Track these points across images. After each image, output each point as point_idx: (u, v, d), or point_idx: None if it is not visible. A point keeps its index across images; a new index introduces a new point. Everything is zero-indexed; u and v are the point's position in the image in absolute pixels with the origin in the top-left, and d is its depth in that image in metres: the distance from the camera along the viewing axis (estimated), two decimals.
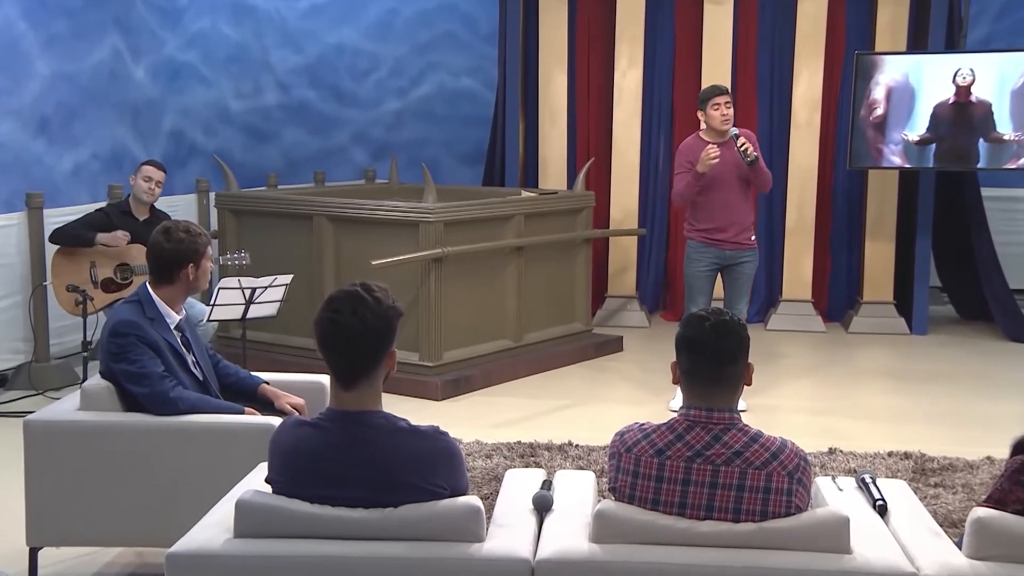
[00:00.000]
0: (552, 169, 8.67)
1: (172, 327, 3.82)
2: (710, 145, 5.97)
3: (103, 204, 6.65)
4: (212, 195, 7.91)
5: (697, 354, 2.65)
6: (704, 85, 8.00)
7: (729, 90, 6.22)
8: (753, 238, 6.21)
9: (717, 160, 5.92)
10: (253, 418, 3.75)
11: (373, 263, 6.09)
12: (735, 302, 6.15)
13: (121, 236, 6.09)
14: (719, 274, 6.21)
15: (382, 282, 2.71)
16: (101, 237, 6.10)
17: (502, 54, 8.67)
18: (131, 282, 6.15)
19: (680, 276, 8.15)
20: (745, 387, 2.71)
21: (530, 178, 8.77)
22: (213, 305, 5.31)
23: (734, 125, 6.07)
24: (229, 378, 4.06)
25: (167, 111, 8.08)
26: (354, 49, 9.49)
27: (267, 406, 3.96)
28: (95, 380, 3.78)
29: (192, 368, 3.85)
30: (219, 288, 5.30)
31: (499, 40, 8.79)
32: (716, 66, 8.33)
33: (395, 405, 2.86)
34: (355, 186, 8.83)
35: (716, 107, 6.05)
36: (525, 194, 7.52)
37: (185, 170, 8.21)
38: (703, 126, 6.14)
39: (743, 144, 5.97)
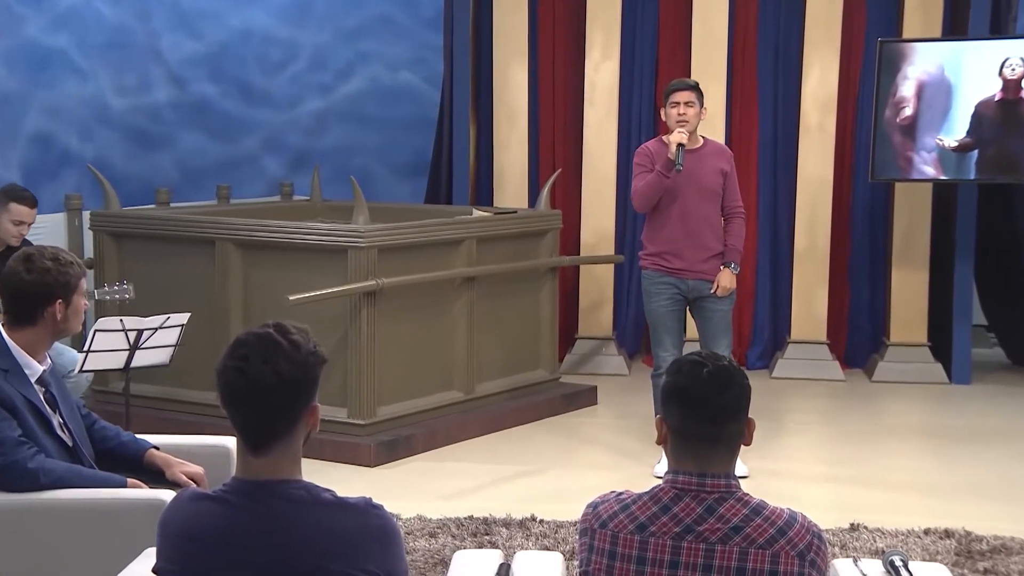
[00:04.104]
0: (510, 183, 8.71)
1: (33, 380, 3.79)
2: (678, 131, 5.98)
3: None
4: (86, 215, 7.85)
5: (692, 407, 2.66)
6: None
7: (696, 85, 6.21)
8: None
9: (683, 140, 5.94)
10: (138, 492, 3.73)
11: (290, 298, 6.09)
12: (712, 343, 6.10)
13: None
14: (687, 308, 6.24)
15: (301, 322, 2.71)
16: None
17: (448, 43, 8.72)
18: None
19: None
20: (743, 447, 2.73)
21: (483, 194, 8.82)
22: (88, 352, 5.27)
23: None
24: (108, 442, 4.03)
25: (29, 109, 8.00)
26: (265, 35, 9.49)
27: (156, 476, 3.93)
28: None
29: (58, 431, 3.81)
30: (95, 330, 5.26)
31: (445, 26, 8.85)
32: (708, 58, 8.41)
33: (318, 473, 2.85)
34: (268, 204, 8.81)
35: (674, 105, 6.11)
36: (477, 213, 7.54)
37: (54, 183, 8.14)
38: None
39: (676, 146, 5.96)
